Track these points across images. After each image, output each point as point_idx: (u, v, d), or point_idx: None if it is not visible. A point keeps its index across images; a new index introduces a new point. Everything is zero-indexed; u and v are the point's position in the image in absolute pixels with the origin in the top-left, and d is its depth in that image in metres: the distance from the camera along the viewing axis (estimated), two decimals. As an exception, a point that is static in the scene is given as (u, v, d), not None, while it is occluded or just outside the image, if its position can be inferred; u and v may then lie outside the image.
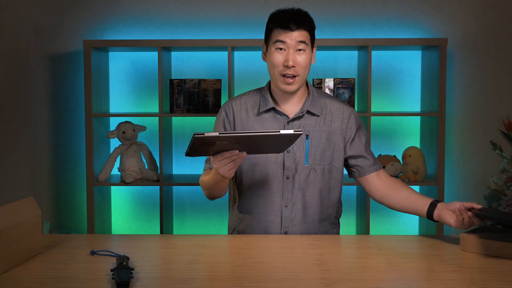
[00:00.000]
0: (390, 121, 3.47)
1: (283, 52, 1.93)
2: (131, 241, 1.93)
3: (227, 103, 2.09)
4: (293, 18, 1.93)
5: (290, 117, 2.01)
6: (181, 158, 3.49)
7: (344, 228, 3.52)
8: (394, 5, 3.41)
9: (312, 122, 2.02)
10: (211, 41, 3.15)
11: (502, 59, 3.42)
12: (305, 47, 1.94)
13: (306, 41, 1.94)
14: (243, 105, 2.06)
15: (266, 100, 2.02)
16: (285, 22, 1.92)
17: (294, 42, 1.92)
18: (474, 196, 3.46)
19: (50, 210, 3.52)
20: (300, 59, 1.93)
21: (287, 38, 1.92)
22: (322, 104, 2.05)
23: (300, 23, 1.93)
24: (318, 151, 2.02)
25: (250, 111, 2.04)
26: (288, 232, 2.02)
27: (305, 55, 1.94)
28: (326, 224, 2.08)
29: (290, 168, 2.00)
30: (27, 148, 3.50)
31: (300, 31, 1.93)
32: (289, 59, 1.92)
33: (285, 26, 1.92)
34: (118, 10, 3.44)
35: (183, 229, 3.51)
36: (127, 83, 3.48)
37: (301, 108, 2.02)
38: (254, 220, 2.04)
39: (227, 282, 1.49)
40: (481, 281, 1.50)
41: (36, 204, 1.73)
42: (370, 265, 1.68)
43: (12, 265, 1.60)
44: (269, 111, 2.03)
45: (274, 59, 1.94)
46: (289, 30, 1.92)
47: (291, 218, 2.02)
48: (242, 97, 2.09)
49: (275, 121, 2.02)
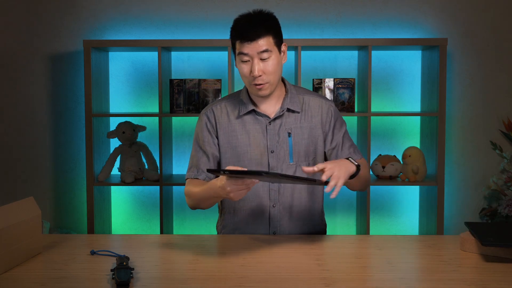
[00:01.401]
0: (390, 121, 3.47)
1: (248, 63, 1.91)
2: (131, 241, 1.93)
3: (208, 108, 2.07)
4: (251, 28, 1.88)
5: (271, 117, 2.01)
6: (181, 158, 3.49)
7: (344, 228, 3.52)
8: (394, 5, 3.42)
9: (292, 119, 2.03)
10: (211, 41, 3.15)
11: (502, 59, 3.42)
12: (269, 54, 1.90)
13: (269, 47, 1.90)
14: (223, 109, 2.05)
15: (246, 103, 2.02)
16: (244, 33, 1.89)
17: (255, 52, 1.89)
18: (474, 196, 3.47)
19: (50, 210, 3.52)
20: (267, 66, 1.91)
21: (248, 50, 1.89)
22: (301, 100, 2.05)
23: (259, 32, 1.88)
24: (302, 147, 2.02)
25: (231, 115, 2.04)
26: (277, 232, 2.03)
27: (270, 61, 1.91)
28: (315, 219, 2.08)
29: (275, 168, 2.00)
30: (27, 148, 3.50)
31: (261, 39, 1.89)
32: (254, 70, 1.90)
33: (245, 38, 1.89)
34: (118, 10, 3.44)
35: (183, 229, 3.51)
36: (127, 83, 3.48)
37: (280, 107, 2.02)
38: (242, 222, 2.04)
39: (227, 282, 1.49)
40: (480, 281, 1.50)
41: (36, 204, 1.73)
42: (370, 265, 1.68)
43: (12, 265, 1.60)
44: (249, 113, 2.03)
45: (241, 71, 1.94)
46: (249, 40, 1.88)
47: (279, 218, 2.02)
48: (222, 101, 2.08)
49: (256, 123, 2.02)
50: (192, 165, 2.05)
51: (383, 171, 3.22)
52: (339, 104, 3.25)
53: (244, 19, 1.92)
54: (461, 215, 3.47)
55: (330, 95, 3.25)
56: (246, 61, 1.91)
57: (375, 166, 3.24)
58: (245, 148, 2.00)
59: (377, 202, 3.50)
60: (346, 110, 3.26)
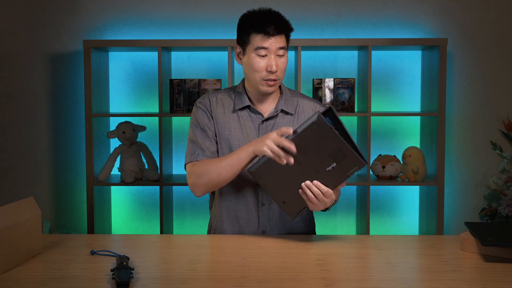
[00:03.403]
0: (390, 121, 3.47)
1: (265, 58, 1.92)
2: (131, 241, 1.93)
3: (203, 97, 2.07)
4: (273, 23, 1.91)
5: (265, 116, 2.02)
6: (181, 158, 3.49)
7: (344, 228, 3.52)
8: (394, 5, 3.42)
9: (285, 121, 2.03)
10: (211, 41, 3.15)
11: (502, 59, 3.42)
12: (284, 51, 1.94)
13: (285, 46, 1.94)
14: (219, 101, 2.05)
15: (242, 98, 2.02)
16: (265, 27, 1.90)
17: (275, 48, 1.91)
18: (474, 196, 3.47)
19: (50, 210, 3.52)
20: (281, 63, 1.94)
21: (269, 44, 1.90)
22: (295, 103, 2.06)
23: (280, 29, 1.92)
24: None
25: (226, 108, 2.04)
26: (266, 231, 2.03)
27: (284, 59, 1.95)
28: (304, 218, 2.08)
29: None
30: (27, 148, 3.50)
31: (280, 36, 1.92)
32: (272, 65, 1.91)
33: (266, 32, 1.90)
34: (118, 10, 3.44)
35: (183, 229, 3.51)
36: (127, 83, 3.48)
37: (275, 107, 2.03)
38: (232, 221, 2.04)
39: (227, 282, 1.49)
40: (480, 281, 1.50)
41: (36, 204, 1.73)
42: (370, 265, 1.68)
43: (12, 265, 1.60)
44: (244, 109, 2.03)
45: (255, 65, 1.93)
46: (270, 35, 1.90)
47: (269, 218, 2.02)
48: (218, 93, 2.08)
49: (250, 119, 2.02)
50: (196, 147, 2.00)
51: (383, 171, 3.22)
52: (339, 104, 3.25)
53: (262, 14, 1.93)
54: (461, 215, 3.47)
55: (330, 95, 3.25)
56: (263, 55, 1.92)
57: (375, 166, 3.24)
58: (237, 142, 2.00)
59: (377, 202, 3.50)
60: (346, 110, 3.26)
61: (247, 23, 1.95)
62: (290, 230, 2.05)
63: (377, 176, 3.26)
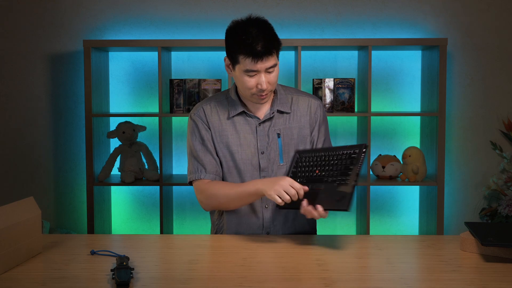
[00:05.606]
0: (390, 121, 3.47)
1: (255, 77, 1.90)
2: (131, 241, 1.93)
3: (198, 108, 2.05)
4: (261, 46, 1.84)
5: (261, 119, 2.02)
6: (181, 158, 3.49)
7: (344, 228, 3.52)
8: (394, 5, 3.42)
9: (282, 120, 2.03)
10: (211, 41, 3.15)
11: (502, 59, 3.42)
12: (274, 68, 1.91)
13: (275, 63, 1.91)
14: (213, 109, 2.04)
15: (236, 105, 2.02)
16: (253, 51, 1.84)
17: (265, 68, 1.88)
18: (474, 196, 3.47)
19: (50, 210, 3.52)
20: (271, 78, 1.91)
21: (258, 67, 1.87)
22: (290, 100, 2.06)
23: (269, 50, 1.86)
24: (291, 147, 2.03)
25: (221, 115, 2.03)
26: (270, 232, 2.03)
27: (275, 73, 1.92)
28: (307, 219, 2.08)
29: (266, 168, 2.01)
30: (27, 148, 3.50)
31: (271, 56, 1.88)
32: (262, 83, 1.89)
33: (255, 55, 1.85)
34: (118, 10, 3.44)
35: (183, 229, 3.51)
36: (127, 83, 3.48)
37: (270, 108, 2.03)
38: (235, 222, 2.04)
39: (227, 282, 1.49)
40: (480, 281, 1.50)
41: (36, 204, 1.73)
42: (370, 265, 1.68)
43: (12, 265, 1.60)
44: (239, 115, 2.03)
45: (246, 83, 1.91)
46: (259, 59, 1.86)
47: (273, 219, 2.02)
48: (211, 101, 2.06)
49: (246, 124, 2.02)
50: (198, 164, 2.01)
51: (383, 171, 3.22)
52: (339, 104, 3.25)
53: (249, 34, 1.85)
54: (461, 215, 3.47)
55: (330, 95, 3.25)
56: (253, 75, 1.90)
57: (375, 166, 3.24)
58: (236, 148, 2.00)
59: (377, 202, 3.50)
60: (346, 110, 3.26)
61: (235, 43, 1.89)
62: (294, 231, 2.05)
63: (377, 176, 3.26)
